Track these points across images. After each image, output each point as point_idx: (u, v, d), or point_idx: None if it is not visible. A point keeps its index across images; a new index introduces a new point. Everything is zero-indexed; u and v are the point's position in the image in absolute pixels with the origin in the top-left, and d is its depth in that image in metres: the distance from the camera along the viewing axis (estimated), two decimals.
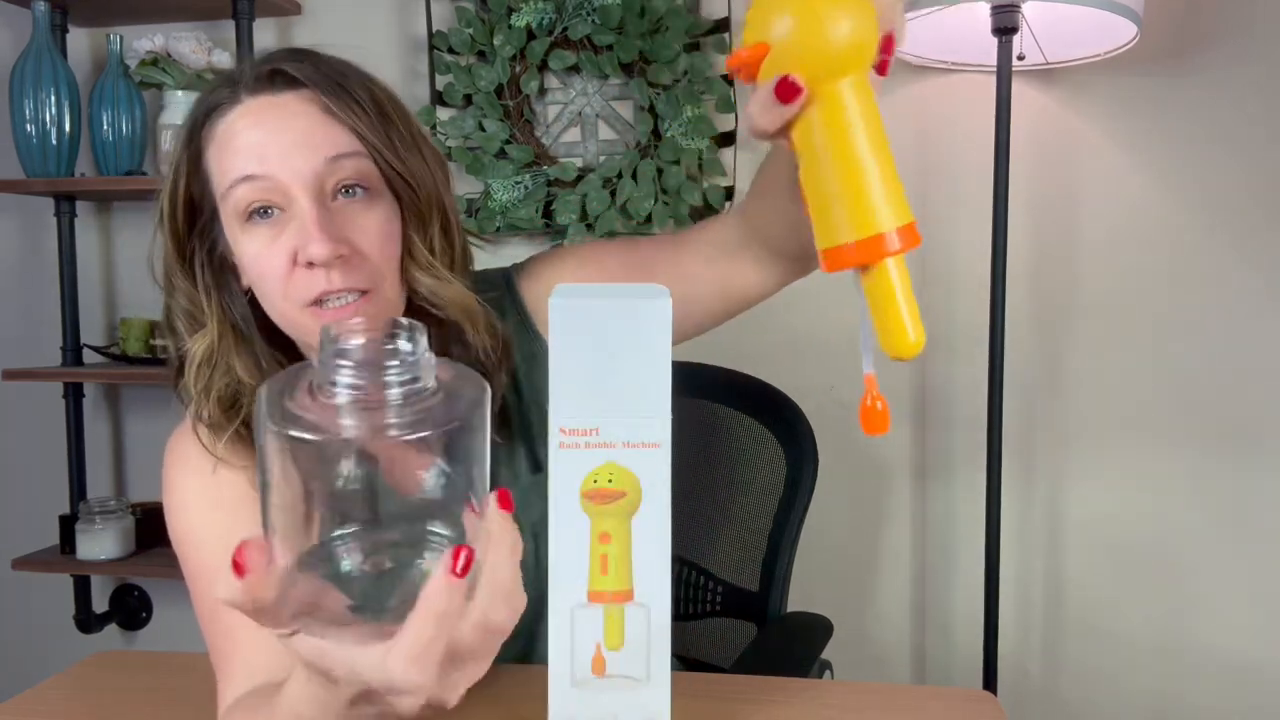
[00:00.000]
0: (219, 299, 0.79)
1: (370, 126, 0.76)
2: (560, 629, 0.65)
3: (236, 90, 0.76)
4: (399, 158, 0.77)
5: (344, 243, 0.73)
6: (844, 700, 0.82)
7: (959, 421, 1.81)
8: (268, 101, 0.75)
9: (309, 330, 0.75)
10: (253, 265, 0.75)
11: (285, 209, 0.73)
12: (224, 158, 0.75)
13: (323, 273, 0.72)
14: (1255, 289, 1.71)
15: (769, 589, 1.23)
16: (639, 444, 0.64)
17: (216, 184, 0.76)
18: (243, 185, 0.73)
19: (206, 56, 1.84)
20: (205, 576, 0.79)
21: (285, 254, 0.73)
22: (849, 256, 0.54)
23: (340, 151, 0.74)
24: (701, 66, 1.79)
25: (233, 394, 0.79)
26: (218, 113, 0.76)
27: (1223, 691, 1.77)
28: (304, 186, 0.73)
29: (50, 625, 2.12)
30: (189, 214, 0.78)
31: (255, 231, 0.74)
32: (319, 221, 0.72)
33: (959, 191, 1.78)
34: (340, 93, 0.75)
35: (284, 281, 0.73)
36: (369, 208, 0.75)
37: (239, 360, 0.78)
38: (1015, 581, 1.82)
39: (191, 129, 0.77)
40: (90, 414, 2.05)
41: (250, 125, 0.74)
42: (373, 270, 0.75)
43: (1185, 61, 1.70)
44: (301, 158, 0.73)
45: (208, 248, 0.79)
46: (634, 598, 0.65)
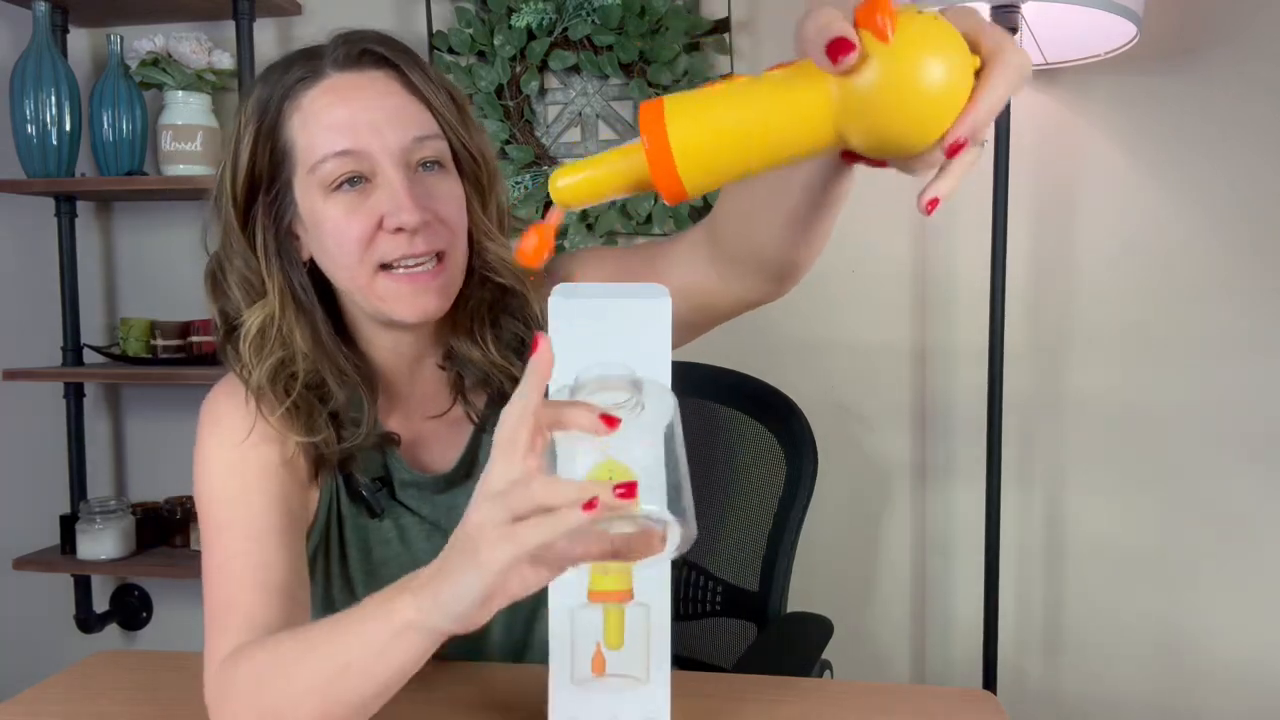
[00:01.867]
0: (281, 268, 0.82)
1: (447, 107, 0.82)
2: (560, 629, 0.65)
3: (320, 66, 0.80)
4: (471, 136, 0.83)
5: (429, 210, 0.78)
6: (844, 700, 0.81)
7: (959, 422, 1.81)
8: (356, 79, 0.79)
9: (380, 294, 0.79)
10: (333, 229, 0.78)
11: (371, 179, 0.78)
12: (314, 132, 0.78)
13: (407, 237, 0.77)
14: (1255, 289, 1.71)
15: (769, 589, 1.22)
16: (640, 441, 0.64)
17: (302, 156, 0.79)
18: (335, 159, 0.77)
19: (206, 56, 1.84)
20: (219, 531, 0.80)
21: (371, 219, 0.77)
22: None
23: (425, 132, 0.79)
24: (701, 66, 1.79)
25: (283, 364, 0.81)
26: (301, 86, 0.79)
27: (1222, 692, 1.77)
28: (393, 160, 0.77)
29: (50, 625, 2.12)
30: (254, 184, 0.81)
31: (340, 199, 0.78)
32: (410, 191, 0.77)
33: (959, 192, 1.78)
34: (421, 75, 0.81)
35: (365, 245, 0.78)
36: (445, 180, 0.81)
37: (298, 329, 0.81)
38: (1015, 581, 1.82)
39: (266, 101, 0.80)
40: (90, 414, 2.04)
41: (339, 101, 0.78)
42: (450, 236, 0.80)
43: (1185, 61, 1.70)
44: (392, 134, 0.78)
45: (274, 216, 0.81)
46: (634, 598, 0.65)
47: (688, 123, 0.48)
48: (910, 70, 0.45)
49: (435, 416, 0.88)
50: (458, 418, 0.88)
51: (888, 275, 1.82)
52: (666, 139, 0.48)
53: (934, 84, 0.45)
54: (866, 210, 1.80)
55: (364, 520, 0.88)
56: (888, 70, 0.45)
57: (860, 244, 1.81)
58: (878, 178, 0.66)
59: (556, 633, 0.65)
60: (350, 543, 0.88)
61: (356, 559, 0.88)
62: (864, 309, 1.82)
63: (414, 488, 0.88)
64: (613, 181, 0.51)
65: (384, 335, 0.85)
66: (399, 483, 0.88)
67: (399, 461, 0.88)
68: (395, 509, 0.88)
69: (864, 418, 1.84)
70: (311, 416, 0.82)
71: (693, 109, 0.48)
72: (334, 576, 0.89)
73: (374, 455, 0.87)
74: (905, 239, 1.80)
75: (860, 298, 1.82)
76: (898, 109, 0.46)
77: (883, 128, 0.47)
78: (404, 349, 0.86)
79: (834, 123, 0.47)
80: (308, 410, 0.82)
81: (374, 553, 0.88)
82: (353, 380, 0.83)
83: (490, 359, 0.85)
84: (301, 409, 0.81)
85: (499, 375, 0.85)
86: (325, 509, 0.87)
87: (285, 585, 0.77)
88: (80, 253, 1.98)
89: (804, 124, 0.47)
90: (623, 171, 0.50)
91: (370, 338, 0.86)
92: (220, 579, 0.78)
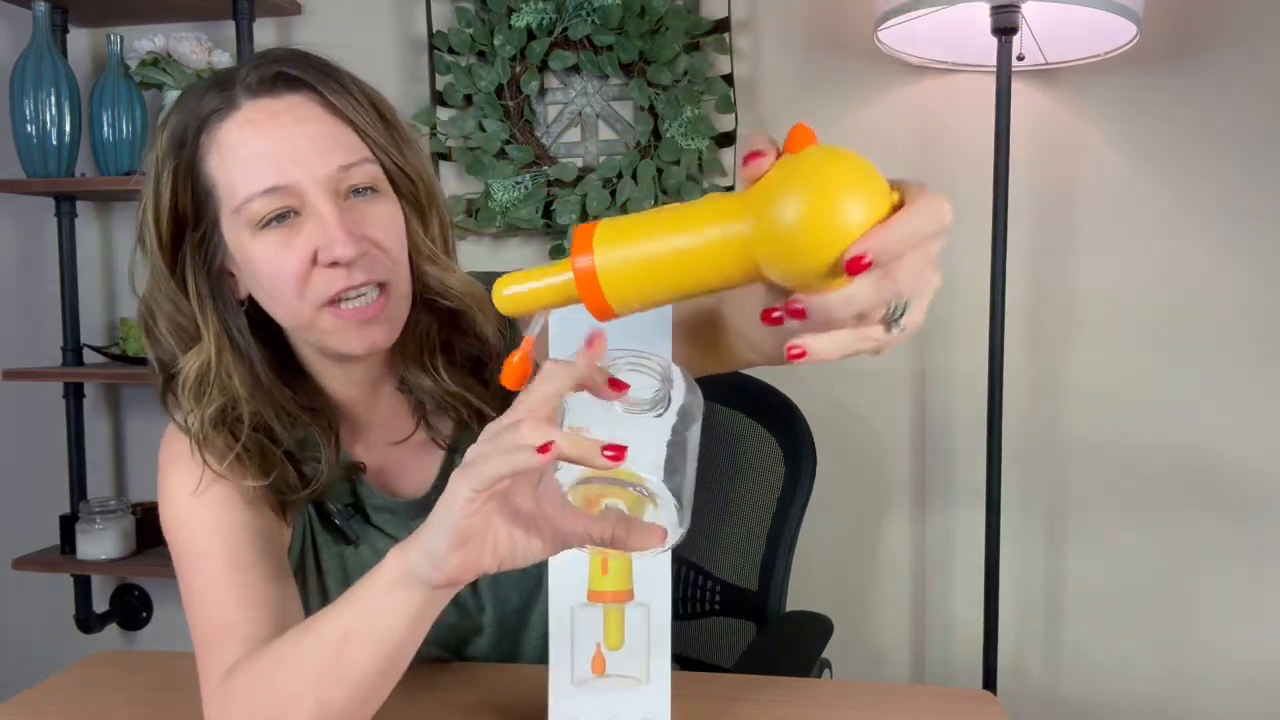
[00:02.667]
0: (215, 310, 0.77)
1: (373, 126, 0.76)
2: (560, 629, 0.65)
3: (233, 94, 0.74)
4: (401, 155, 0.78)
5: (364, 239, 0.73)
6: (844, 700, 0.82)
7: (959, 422, 1.81)
8: (272, 105, 0.73)
9: (324, 329, 0.75)
10: (266, 269, 0.73)
11: (300, 211, 0.73)
12: (233, 169, 0.73)
13: (343, 270, 0.73)
14: (1256, 289, 1.71)
15: (768, 588, 1.23)
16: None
17: (224, 195, 0.74)
18: (261, 198, 0.72)
19: (206, 56, 1.84)
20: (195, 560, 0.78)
21: (303, 255, 0.72)
22: None
23: (351, 158, 0.74)
24: (701, 66, 1.79)
25: (227, 410, 0.78)
26: (215, 118, 0.74)
27: (1222, 693, 1.77)
28: (321, 190, 0.72)
29: (50, 625, 2.12)
30: (179, 225, 0.76)
31: (269, 236, 0.73)
32: (341, 222, 0.72)
33: (959, 191, 1.78)
34: (342, 93, 0.75)
35: (301, 282, 0.73)
36: (379, 205, 0.76)
37: (236, 374, 0.77)
38: (1015, 581, 1.82)
39: (181, 136, 0.75)
40: (90, 414, 2.04)
41: (257, 133, 0.72)
42: (390, 263, 0.75)
43: (1185, 61, 1.70)
44: (317, 163, 0.72)
45: (204, 257, 0.77)
46: (634, 598, 0.65)
47: (614, 249, 0.48)
48: (811, 190, 0.45)
49: (399, 442, 0.85)
50: (424, 441, 0.85)
51: None
52: (594, 263, 0.48)
53: (836, 204, 0.45)
54: None
55: (340, 548, 0.86)
56: (791, 190, 0.46)
57: None
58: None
59: (556, 633, 0.65)
60: (328, 572, 0.87)
61: (335, 589, 0.86)
62: None
63: (387, 513, 0.86)
64: (550, 295, 0.51)
65: (334, 367, 0.82)
66: (371, 508, 0.86)
67: (368, 489, 0.85)
68: (370, 534, 0.86)
69: (864, 417, 1.84)
70: (265, 459, 0.79)
71: (620, 235, 0.49)
72: (314, 607, 0.84)
73: (342, 484, 0.84)
74: None
75: None
76: (797, 228, 0.45)
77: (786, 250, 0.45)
78: (356, 378, 0.83)
79: (749, 254, 0.47)
80: (259, 453, 0.78)
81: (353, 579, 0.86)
82: (301, 419, 0.80)
83: (444, 387, 0.81)
84: (252, 452, 0.78)
85: (453, 403, 0.82)
86: (300, 538, 0.85)
87: (277, 600, 0.76)
88: (80, 253, 1.98)
89: (722, 255, 0.47)
90: (559, 288, 0.51)
91: (321, 370, 0.83)
92: (205, 605, 0.75)
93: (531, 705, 0.75)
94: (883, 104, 1.79)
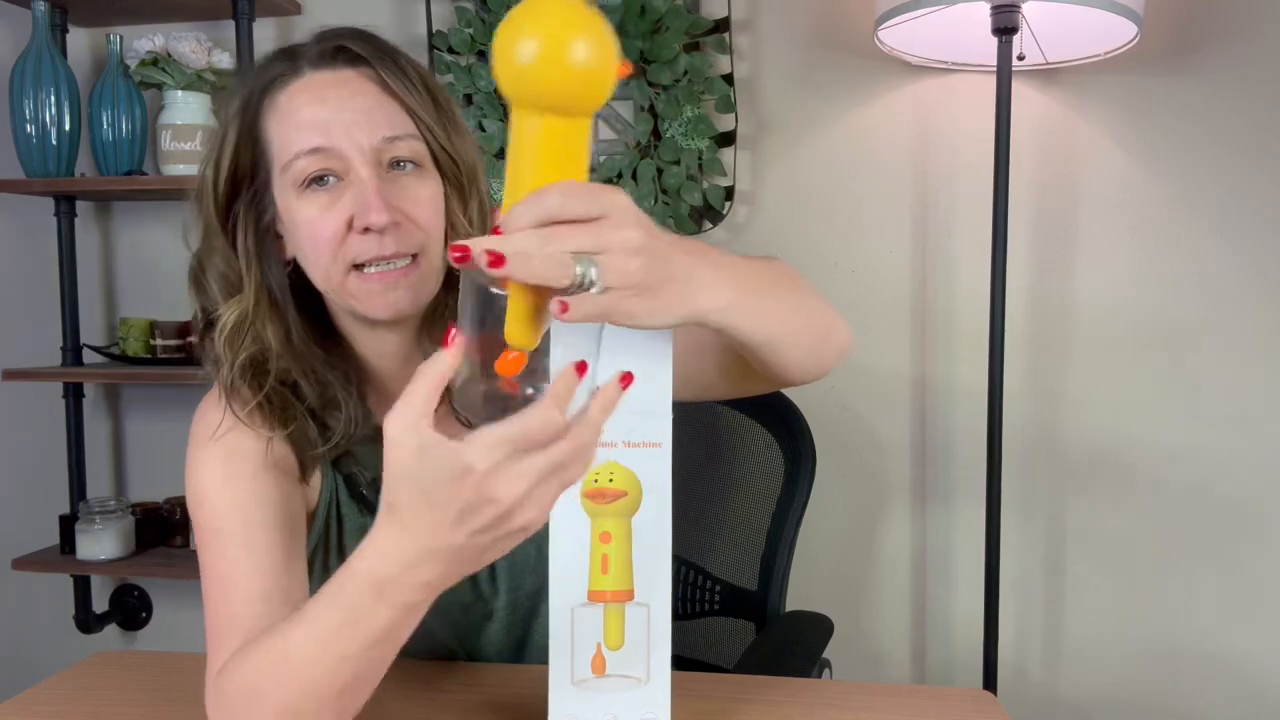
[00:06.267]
0: (259, 266, 0.82)
1: (423, 106, 0.81)
2: (561, 628, 0.65)
3: (298, 64, 0.80)
4: (448, 136, 0.82)
5: (398, 211, 0.77)
6: (844, 700, 0.82)
7: (959, 422, 1.81)
8: (330, 77, 0.79)
9: (351, 293, 0.79)
10: (306, 229, 0.78)
11: (343, 177, 0.78)
12: (286, 129, 0.78)
13: (376, 238, 0.77)
14: (1256, 289, 1.71)
15: (768, 588, 1.23)
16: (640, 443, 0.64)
17: (277, 153, 0.79)
18: (306, 157, 0.77)
19: (206, 56, 1.84)
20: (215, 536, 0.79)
21: (342, 219, 0.77)
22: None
23: (396, 132, 0.79)
24: (701, 66, 1.79)
25: (257, 361, 0.81)
26: (278, 84, 0.79)
27: (1222, 692, 1.77)
28: (364, 159, 0.77)
29: (50, 625, 2.12)
30: (236, 182, 0.81)
31: (312, 198, 0.78)
32: (378, 191, 0.76)
33: (959, 191, 1.78)
34: (398, 73, 0.80)
35: (336, 244, 0.77)
36: (420, 180, 0.80)
37: (270, 327, 0.81)
38: (1015, 581, 1.82)
39: (247, 99, 0.80)
40: (90, 414, 2.04)
41: (313, 100, 0.78)
42: (422, 238, 0.79)
43: (1185, 61, 1.70)
44: (364, 133, 0.77)
45: (254, 215, 0.82)
46: (634, 597, 0.65)
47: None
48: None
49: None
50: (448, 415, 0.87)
51: (887, 275, 1.82)
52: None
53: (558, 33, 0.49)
54: (866, 210, 1.80)
55: (364, 519, 0.87)
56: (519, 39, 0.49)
57: (860, 243, 1.81)
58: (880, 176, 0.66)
59: (556, 633, 0.65)
60: (350, 546, 0.87)
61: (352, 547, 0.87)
62: (863, 308, 1.82)
63: None
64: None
65: (367, 334, 0.85)
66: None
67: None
68: None
69: (863, 417, 1.84)
70: (285, 412, 0.82)
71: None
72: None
73: (373, 452, 0.85)
74: (905, 238, 1.80)
75: (859, 299, 1.82)
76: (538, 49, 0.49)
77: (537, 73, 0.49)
78: (389, 348, 0.86)
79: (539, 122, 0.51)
80: (281, 405, 0.81)
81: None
82: (327, 379, 0.83)
83: None
84: (274, 404, 0.81)
85: None
86: (325, 508, 0.87)
87: (285, 590, 0.76)
88: (80, 253, 1.98)
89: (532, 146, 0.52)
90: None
91: (354, 335, 0.86)
92: (220, 593, 0.77)
93: (532, 705, 0.75)
94: (883, 104, 1.79)
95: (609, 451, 0.64)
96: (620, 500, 0.64)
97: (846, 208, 1.80)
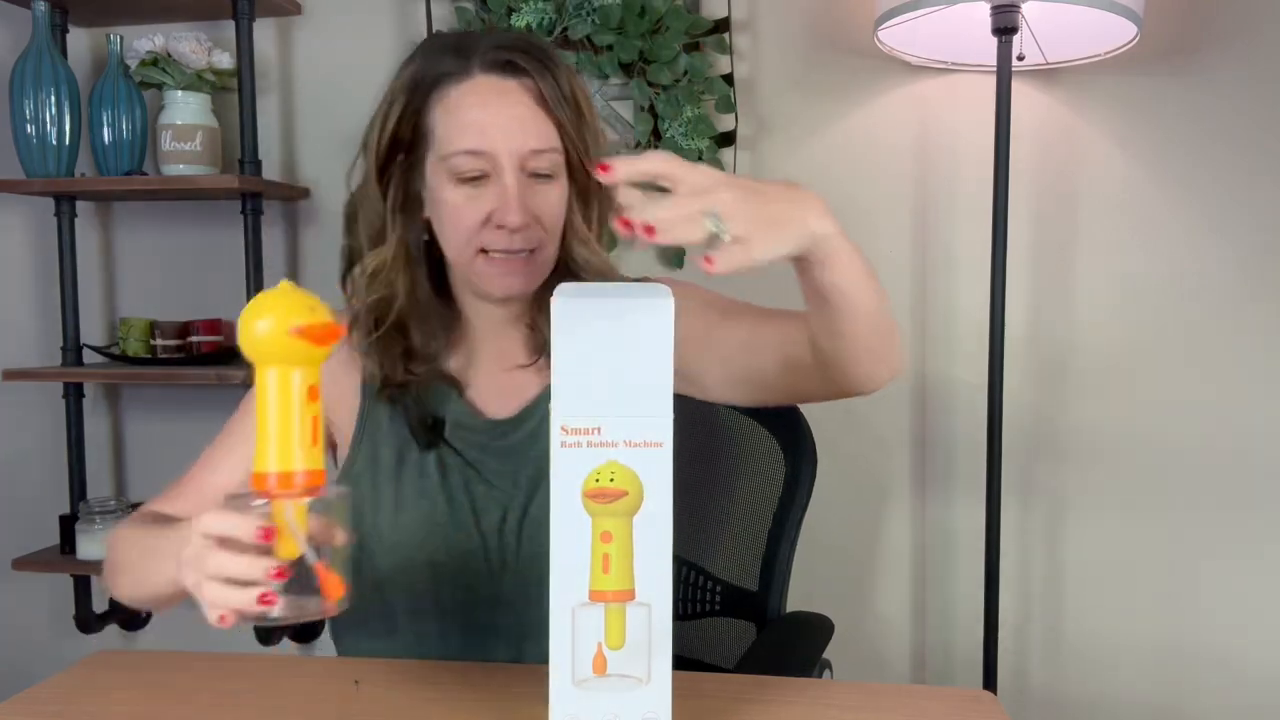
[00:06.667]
0: (402, 224, 0.94)
1: (571, 122, 0.91)
2: (561, 628, 0.65)
3: (470, 65, 0.90)
4: (585, 148, 0.93)
5: (530, 213, 0.90)
6: (844, 700, 0.82)
7: (960, 422, 1.81)
8: (496, 84, 0.89)
9: (475, 271, 0.92)
10: (450, 213, 0.90)
11: (490, 175, 0.89)
12: (450, 124, 0.89)
13: (507, 233, 0.89)
14: (1256, 289, 1.71)
15: (769, 589, 1.22)
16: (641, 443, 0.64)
17: (438, 143, 0.90)
18: (466, 156, 0.88)
19: (206, 56, 1.84)
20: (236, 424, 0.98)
21: (483, 212, 0.89)
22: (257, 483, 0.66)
23: (543, 145, 0.90)
24: (701, 66, 1.79)
25: (384, 303, 0.95)
26: (450, 80, 0.90)
27: (1222, 692, 1.77)
28: (511, 164, 0.89)
29: (50, 625, 2.12)
30: (395, 147, 0.92)
31: (462, 189, 0.90)
32: (519, 196, 0.88)
33: (959, 192, 1.78)
34: (554, 89, 0.90)
35: (474, 232, 0.90)
36: (551, 187, 0.92)
37: (402, 279, 0.94)
38: (1016, 581, 1.82)
39: (419, 80, 0.91)
40: (90, 414, 2.04)
41: (479, 104, 0.89)
42: (544, 236, 0.92)
43: (1185, 61, 1.70)
44: (516, 140, 0.88)
45: (405, 180, 0.94)
46: (635, 597, 0.65)
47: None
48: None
49: (509, 370, 0.98)
50: (528, 375, 0.98)
51: (887, 274, 1.82)
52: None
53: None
54: (866, 210, 1.80)
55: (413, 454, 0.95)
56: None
57: (860, 243, 1.81)
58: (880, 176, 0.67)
59: (557, 632, 0.65)
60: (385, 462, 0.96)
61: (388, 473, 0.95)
62: None
63: (467, 430, 0.96)
64: None
65: (478, 303, 0.98)
66: (452, 424, 0.96)
67: (461, 406, 0.97)
68: (443, 448, 0.96)
69: (864, 417, 1.84)
70: (389, 351, 0.95)
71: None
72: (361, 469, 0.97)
73: (433, 393, 0.97)
74: (905, 238, 1.80)
75: None
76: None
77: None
78: (493, 318, 0.98)
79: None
80: (388, 344, 0.95)
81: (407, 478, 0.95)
82: (433, 330, 0.96)
83: None
84: (383, 341, 0.94)
85: None
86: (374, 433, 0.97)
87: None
88: (80, 253, 1.98)
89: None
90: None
91: (465, 299, 0.99)
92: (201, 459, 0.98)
93: (532, 705, 0.75)
94: (883, 104, 1.79)
95: (610, 451, 0.64)
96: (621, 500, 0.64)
97: (846, 208, 1.79)
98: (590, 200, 0.96)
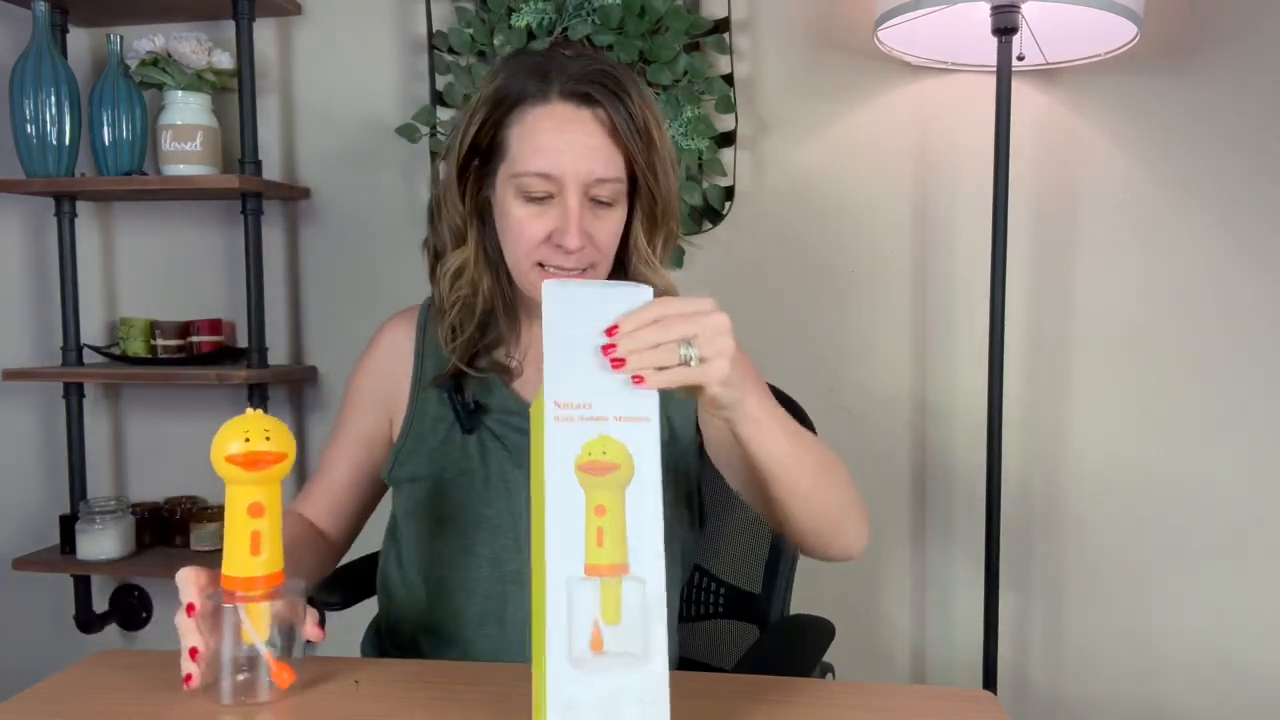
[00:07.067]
0: (479, 226, 1.01)
1: (640, 151, 0.95)
2: (557, 603, 0.65)
3: (549, 90, 0.93)
4: (654, 177, 0.97)
5: (588, 236, 0.94)
6: (845, 700, 0.82)
7: (959, 421, 1.81)
8: (573, 113, 0.93)
9: (530, 281, 0.97)
10: (514, 226, 0.95)
11: (555, 196, 0.94)
12: (525, 145, 0.94)
13: (564, 253, 0.94)
14: (1257, 289, 1.71)
15: (771, 591, 1.22)
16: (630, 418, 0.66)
17: (512, 158, 0.95)
18: (536, 178, 0.93)
19: (206, 56, 1.84)
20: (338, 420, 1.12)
21: (544, 230, 0.94)
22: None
23: (608, 175, 0.94)
24: (701, 66, 1.79)
25: (468, 302, 1.02)
26: (530, 102, 0.94)
27: (1221, 694, 1.77)
28: (576, 189, 0.93)
29: (50, 625, 2.12)
30: (472, 154, 0.98)
31: (528, 206, 0.95)
32: (580, 220, 0.93)
33: (959, 192, 1.78)
34: (625, 119, 0.94)
35: (533, 247, 0.95)
36: (610, 213, 0.96)
37: (486, 279, 1.02)
38: (1015, 582, 1.82)
39: (502, 95, 0.95)
40: (90, 414, 2.04)
41: (555, 129, 0.93)
42: (598, 257, 0.97)
43: (1185, 61, 1.70)
44: (585, 168, 0.93)
45: (479, 185, 1.00)
46: (630, 571, 0.65)
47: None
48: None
49: None
50: None
51: (887, 274, 1.82)
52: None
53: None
54: (865, 210, 1.80)
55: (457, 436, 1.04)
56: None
57: (859, 243, 1.81)
58: (880, 177, 0.67)
59: (553, 609, 0.65)
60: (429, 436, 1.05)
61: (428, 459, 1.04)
62: (865, 310, 1.83)
63: (510, 415, 1.03)
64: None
65: (533, 301, 0.99)
66: (497, 409, 1.04)
67: (507, 393, 1.04)
68: (484, 433, 1.03)
69: (864, 418, 1.84)
70: (469, 344, 1.03)
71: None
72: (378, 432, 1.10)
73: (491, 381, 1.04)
74: (905, 238, 1.80)
75: (861, 298, 1.82)
76: None
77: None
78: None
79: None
80: (470, 341, 1.03)
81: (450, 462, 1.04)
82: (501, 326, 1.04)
83: None
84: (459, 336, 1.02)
85: None
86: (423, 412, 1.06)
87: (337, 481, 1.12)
88: (80, 253, 1.98)
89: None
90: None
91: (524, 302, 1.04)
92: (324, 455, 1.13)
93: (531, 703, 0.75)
94: (883, 104, 1.79)
95: (601, 425, 0.65)
96: (613, 473, 0.65)
97: (846, 208, 1.80)
98: (658, 225, 1.00)
